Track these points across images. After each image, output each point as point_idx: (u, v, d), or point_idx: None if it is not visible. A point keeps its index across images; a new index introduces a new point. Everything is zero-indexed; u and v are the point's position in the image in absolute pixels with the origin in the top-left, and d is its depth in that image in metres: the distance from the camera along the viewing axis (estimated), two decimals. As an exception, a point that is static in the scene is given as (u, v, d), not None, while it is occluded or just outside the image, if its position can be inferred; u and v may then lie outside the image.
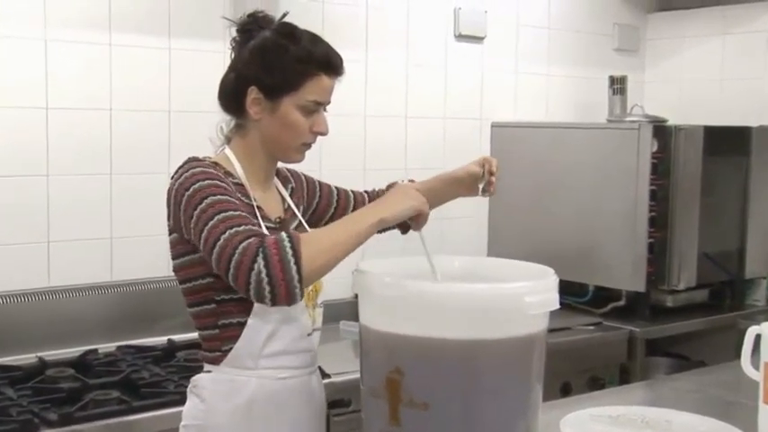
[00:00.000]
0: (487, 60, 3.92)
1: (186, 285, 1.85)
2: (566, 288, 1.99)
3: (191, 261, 1.82)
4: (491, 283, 1.74)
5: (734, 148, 3.68)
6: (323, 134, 1.91)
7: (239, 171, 1.88)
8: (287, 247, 1.63)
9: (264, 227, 1.80)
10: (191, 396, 1.90)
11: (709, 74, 4.24)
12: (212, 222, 1.70)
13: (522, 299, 1.60)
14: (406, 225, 1.96)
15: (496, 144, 3.86)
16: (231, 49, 1.92)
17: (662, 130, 3.46)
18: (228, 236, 1.67)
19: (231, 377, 1.84)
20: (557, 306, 1.65)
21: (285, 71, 1.83)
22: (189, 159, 1.84)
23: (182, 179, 1.79)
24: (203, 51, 3.06)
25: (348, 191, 2.20)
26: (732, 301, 3.78)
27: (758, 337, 1.90)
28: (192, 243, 1.77)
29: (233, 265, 1.65)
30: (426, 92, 3.74)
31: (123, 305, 2.93)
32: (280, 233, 1.67)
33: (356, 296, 1.76)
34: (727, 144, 3.66)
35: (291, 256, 1.62)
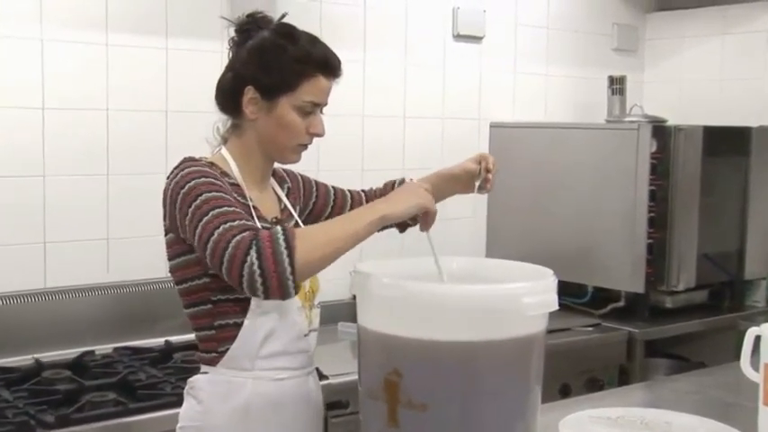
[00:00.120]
0: (486, 60, 3.91)
1: (183, 286, 1.85)
2: (564, 289, 1.98)
3: (187, 261, 1.81)
4: (490, 283, 1.74)
5: (733, 149, 3.67)
6: (319, 135, 1.90)
7: (235, 171, 1.87)
8: (280, 239, 1.62)
9: (261, 227, 1.79)
10: (188, 398, 1.90)
11: (708, 74, 4.23)
12: (206, 218, 1.69)
13: (521, 300, 1.59)
14: (404, 224, 1.95)
15: (495, 144, 3.85)
16: (229, 50, 1.92)
17: (661, 130, 3.45)
18: (222, 230, 1.66)
19: (228, 378, 1.84)
20: (555, 307, 1.65)
21: (282, 71, 1.83)
22: (185, 159, 1.84)
23: (177, 178, 1.78)
24: (201, 51, 3.05)
25: (345, 190, 2.20)
26: (732, 302, 3.77)
27: (758, 339, 1.89)
28: (189, 243, 1.77)
29: (226, 259, 1.64)
30: (425, 92, 3.73)
31: (120, 306, 2.93)
32: (275, 227, 1.67)
33: (354, 297, 1.75)
34: (727, 144, 3.65)
35: (285, 249, 1.61)
